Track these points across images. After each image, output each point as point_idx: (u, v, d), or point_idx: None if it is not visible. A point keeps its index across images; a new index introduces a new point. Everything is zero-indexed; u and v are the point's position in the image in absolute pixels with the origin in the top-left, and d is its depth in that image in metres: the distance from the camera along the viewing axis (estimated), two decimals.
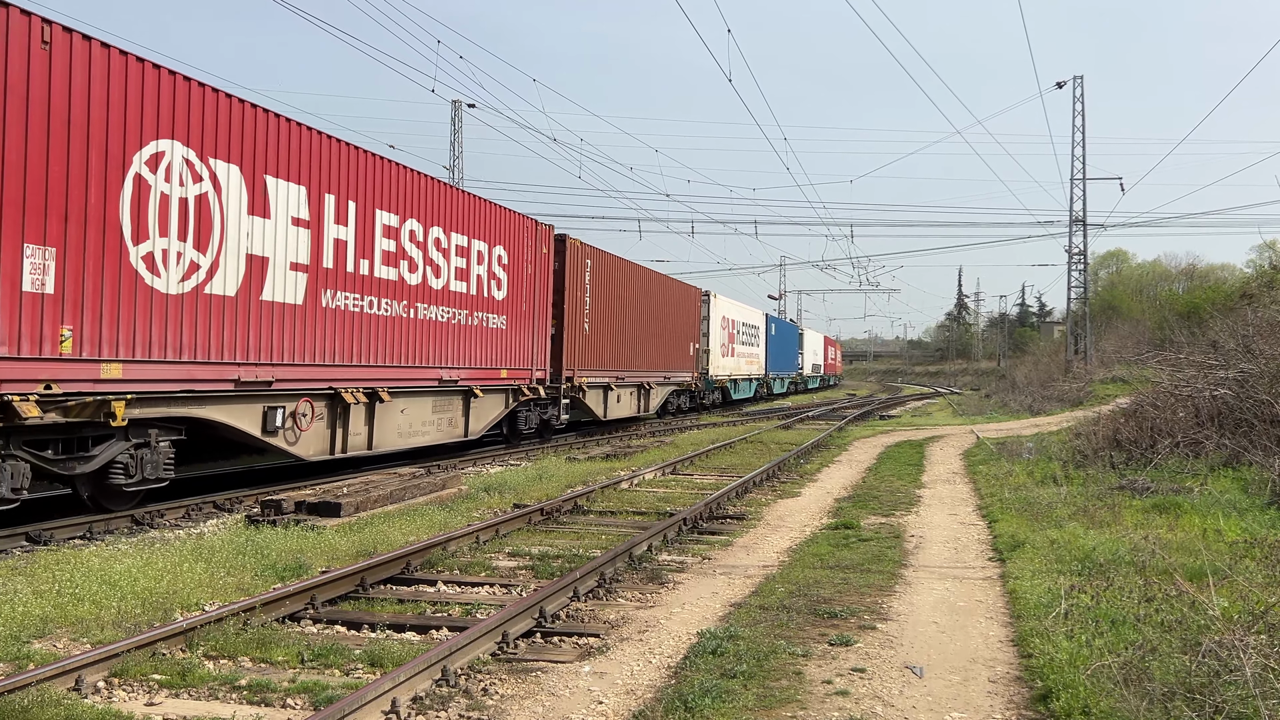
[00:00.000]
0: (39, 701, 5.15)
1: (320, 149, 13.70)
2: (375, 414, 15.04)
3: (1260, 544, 8.43)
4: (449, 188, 17.39)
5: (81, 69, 10.05)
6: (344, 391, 14.10)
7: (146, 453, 11.15)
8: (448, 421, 17.36)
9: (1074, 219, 47.18)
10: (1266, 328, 17.01)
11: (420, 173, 16.25)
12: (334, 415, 14.19)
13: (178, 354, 11.18)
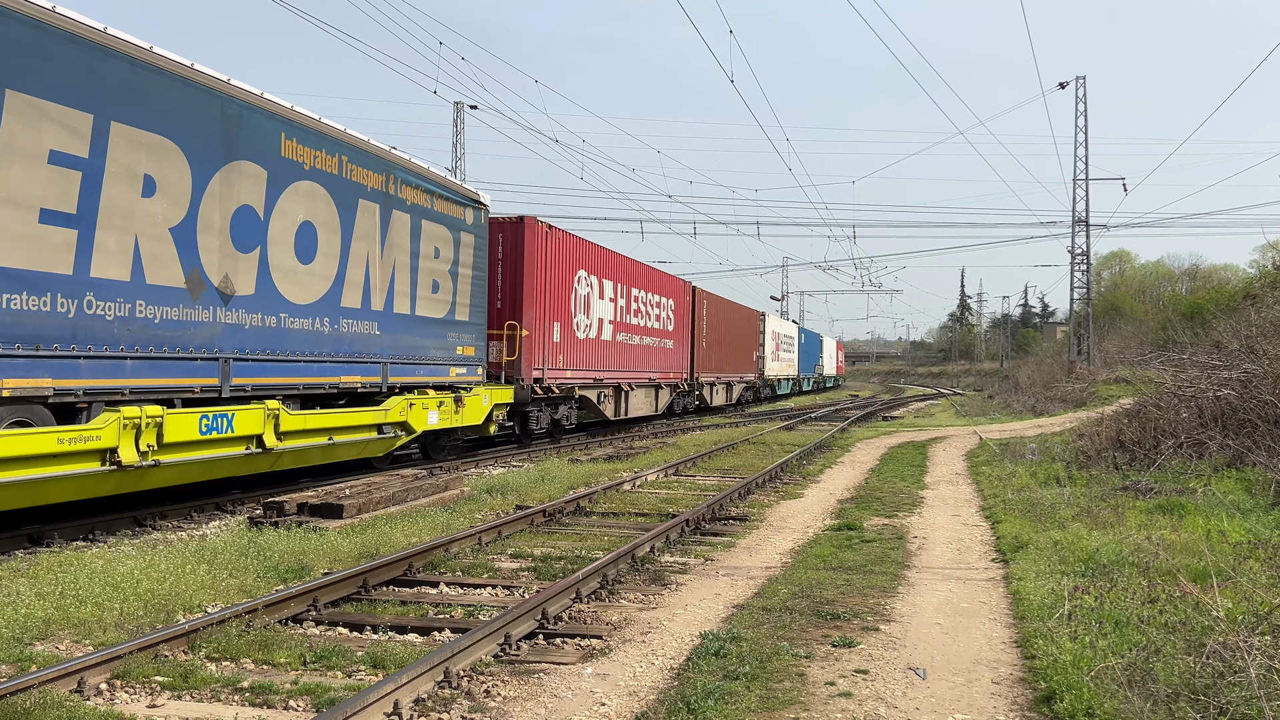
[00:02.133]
0: (41, 703, 5.15)
1: (611, 259, 25.75)
2: (628, 397, 27.06)
3: (1264, 545, 8.41)
4: (649, 267, 29.45)
5: (557, 242, 21.53)
6: (621, 385, 26.32)
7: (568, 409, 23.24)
8: (651, 402, 29.48)
9: (1077, 219, 47.17)
10: (1270, 328, 16.98)
11: (638, 261, 28.34)
12: (616, 397, 26.23)
13: (576, 364, 22.86)
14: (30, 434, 8.87)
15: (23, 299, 9.00)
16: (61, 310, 9.38)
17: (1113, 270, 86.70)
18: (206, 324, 11.22)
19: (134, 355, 10.23)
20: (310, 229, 12.91)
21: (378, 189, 14.42)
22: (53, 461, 9.13)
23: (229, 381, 11.55)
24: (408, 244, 15.24)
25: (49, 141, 9.23)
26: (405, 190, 15.19)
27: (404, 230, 15.14)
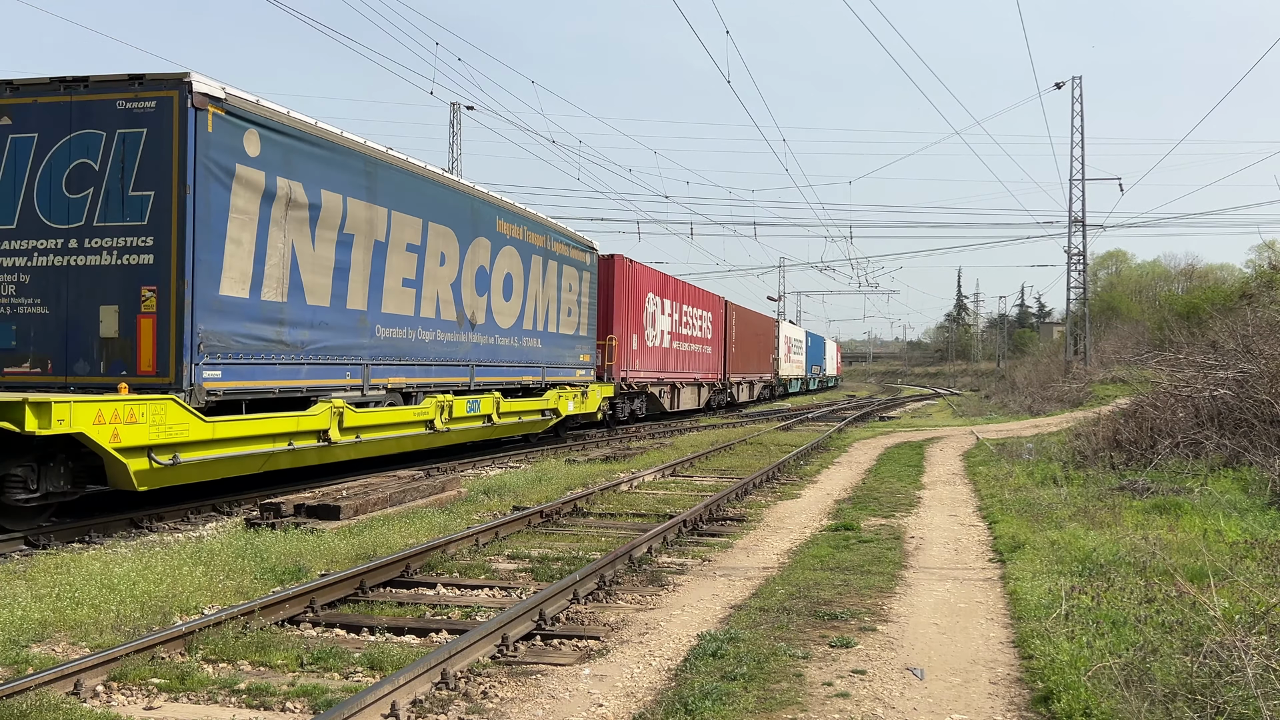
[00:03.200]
0: (38, 705, 5.14)
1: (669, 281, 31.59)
2: (680, 393, 32.91)
3: (1261, 544, 8.41)
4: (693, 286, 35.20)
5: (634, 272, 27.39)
6: (675, 383, 32.18)
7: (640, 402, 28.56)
8: (696, 398, 35.63)
9: (1073, 219, 47.23)
10: (1266, 328, 17.01)
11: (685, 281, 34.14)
12: (672, 393, 32.05)
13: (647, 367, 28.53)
14: (399, 410, 15.01)
15: (395, 331, 14.97)
16: (409, 337, 15.39)
17: (1109, 270, 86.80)
18: (464, 344, 17.26)
19: (435, 363, 16.24)
20: (509, 277, 19.06)
21: (541, 246, 20.59)
22: (406, 426, 15.26)
23: (474, 380, 17.66)
24: (556, 282, 21.42)
25: (406, 237, 15.15)
26: (555, 245, 21.32)
27: (554, 274, 21.32)
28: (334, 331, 13.47)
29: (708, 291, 37.12)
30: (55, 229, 11.13)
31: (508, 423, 18.97)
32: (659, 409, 31.12)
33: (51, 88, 11.20)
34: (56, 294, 11.11)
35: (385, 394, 14.67)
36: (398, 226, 14.84)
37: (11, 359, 11.15)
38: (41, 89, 11.22)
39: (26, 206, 11.18)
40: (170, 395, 10.60)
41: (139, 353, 10.91)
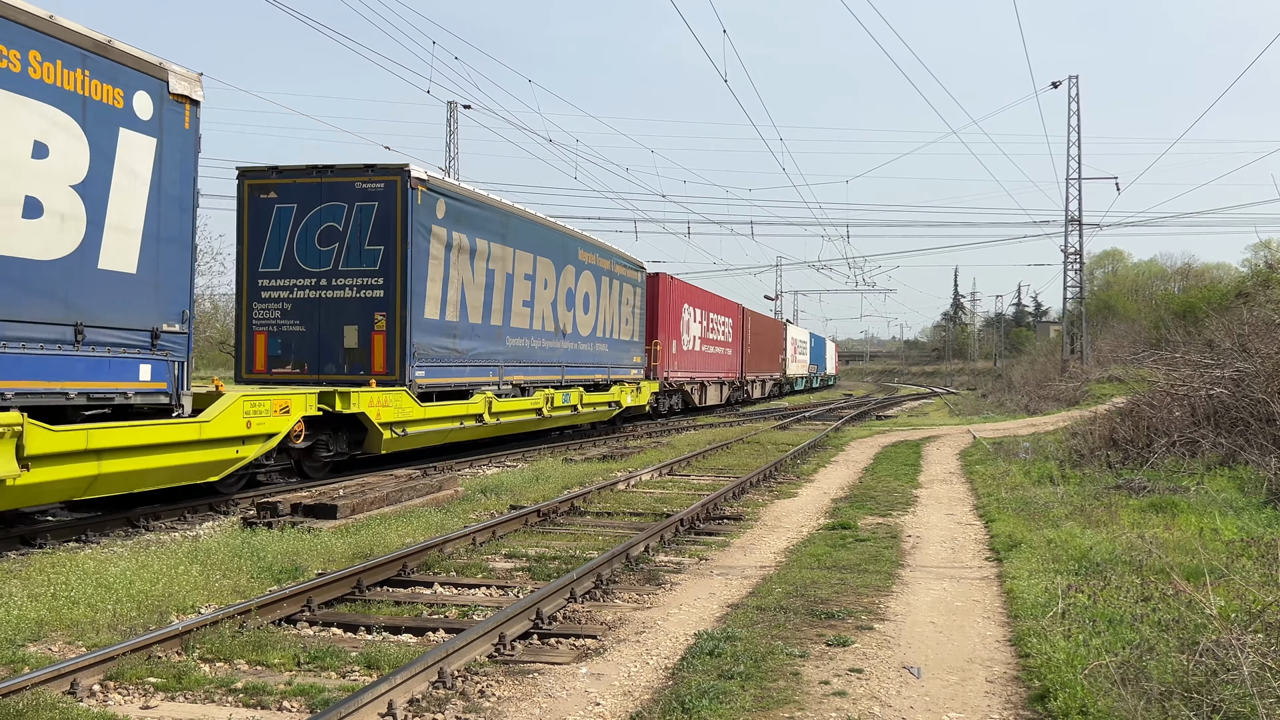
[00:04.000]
0: (34, 705, 5.14)
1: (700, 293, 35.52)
2: (706, 390, 36.89)
3: (1257, 543, 8.42)
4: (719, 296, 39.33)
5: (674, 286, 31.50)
6: (704, 381, 36.04)
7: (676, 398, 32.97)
8: (719, 394, 39.43)
9: (1070, 219, 47.26)
10: (1262, 327, 17.03)
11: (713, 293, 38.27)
12: (701, 390, 35.79)
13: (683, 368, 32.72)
14: (521, 400, 19.34)
15: (518, 341, 19.50)
16: (526, 345, 19.87)
17: (1106, 269, 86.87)
18: (558, 349, 21.62)
19: (540, 365, 20.55)
20: (587, 295, 23.42)
21: (607, 269, 24.98)
22: (525, 412, 19.65)
23: (565, 377, 21.94)
24: (617, 297, 25.93)
25: (524, 269, 19.73)
26: (616, 267, 25.79)
27: (616, 290, 25.78)
28: (483, 342, 18.11)
29: (728, 300, 41.96)
30: (309, 271, 15.53)
31: (586, 412, 23.51)
32: (690, 404, 35.42)
33: (306, 172, 15.58)
34: (311, 317, 15.57)
35: (511, 388, 19.21)
36: (520, 261, 19.53)
37: (278, 362, 15.59)
38: (300, 173, 15.60)
39: (288, 256, 15.56)
40: (401, 388, 15.10)
41: (373, 358, 15.37)
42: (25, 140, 9.28)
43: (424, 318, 15.74)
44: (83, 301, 9.89)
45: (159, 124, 10.85)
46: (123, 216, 10.41)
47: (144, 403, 10.69)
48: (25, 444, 8.92)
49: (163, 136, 10.89)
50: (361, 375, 15.26)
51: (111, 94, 10.26)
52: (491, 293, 18.28)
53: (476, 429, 17.89)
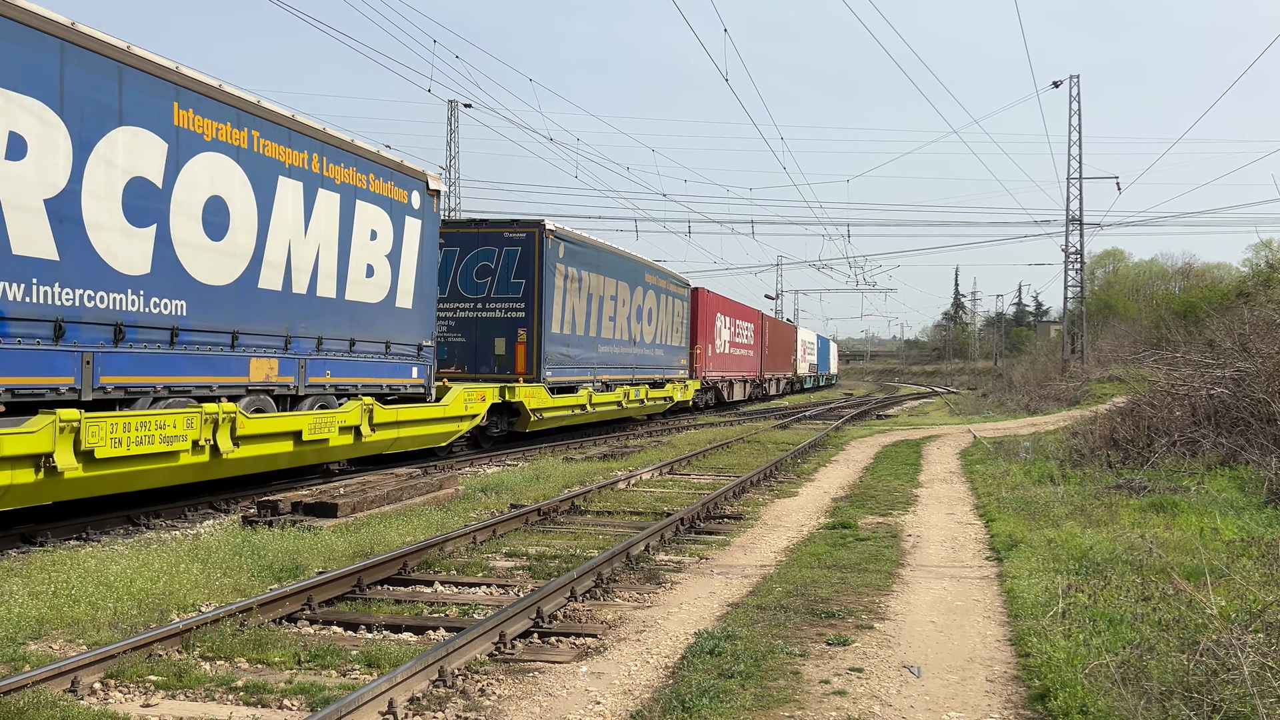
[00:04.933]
0: (35, 703, 5.14)
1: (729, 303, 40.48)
2: (733, 387, 41.28)
3: (1257, 543, 8.42)
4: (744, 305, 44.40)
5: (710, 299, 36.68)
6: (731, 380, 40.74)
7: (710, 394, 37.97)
8: (743, 391, 43.73)
9: (1071, 218, 47.23)
10: (1263, 326, 17.03)
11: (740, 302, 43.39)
12: (729, 388, 40.26)
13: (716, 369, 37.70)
14: (607, 394, 24.18)
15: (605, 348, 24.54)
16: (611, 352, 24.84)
17: (1106, 269, 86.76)
18: (630, 354, 26.72)
19: (618, 366, 25.55)
20: (650, 310, 28.58)
21: (664, 288, 30.23)
22: (610, 404, 24.57)
23: (635, 377, 27.10)
24: (670, 311, 31.04)
25: (609, 291, 24.46)
26: (671, 285, 31.07)
27: (669, 304, 30.95)
28: (585, 350, 23.26)
29: (750, 307, 47.31)
30: (468, 298, 20.75)
31: (649, 405, 28.87)
32: (721, 399, 40.46)
33: (467, 225, 21.43)
34: (470, 330, 20.74)
35: (602, 385, 24.32)
36: (607, 285, 24.66)
37: (444, 364, 19.92)
38: (462, 225, 21.37)
39: (452, 286, 20.59)
40: (539, 384, 20.47)
41: (517, 362, 20.57)
42: (367, 228, 14.65)
43: (551, 332, 21.04)
44: (388, 328, 15.31)
45: (423, 211, 16.24)
46: (406, 273, 15.78)
47: (412, 392, 16.07)
48: (374, 416, 14.37)
49: (424, 220, 16.30)
50: (508, 375, 20.34)
51: (402, 194, 15.60)
52: (590, 311, 23.48)
53: (581, 416, 23.26)
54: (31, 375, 9.39)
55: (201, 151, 11.37)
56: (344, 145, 14.06)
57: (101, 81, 9.99)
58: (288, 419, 12.65)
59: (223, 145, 11.69)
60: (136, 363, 10.57)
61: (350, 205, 14.16)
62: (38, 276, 9.35)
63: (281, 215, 12.75)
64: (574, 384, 22.47)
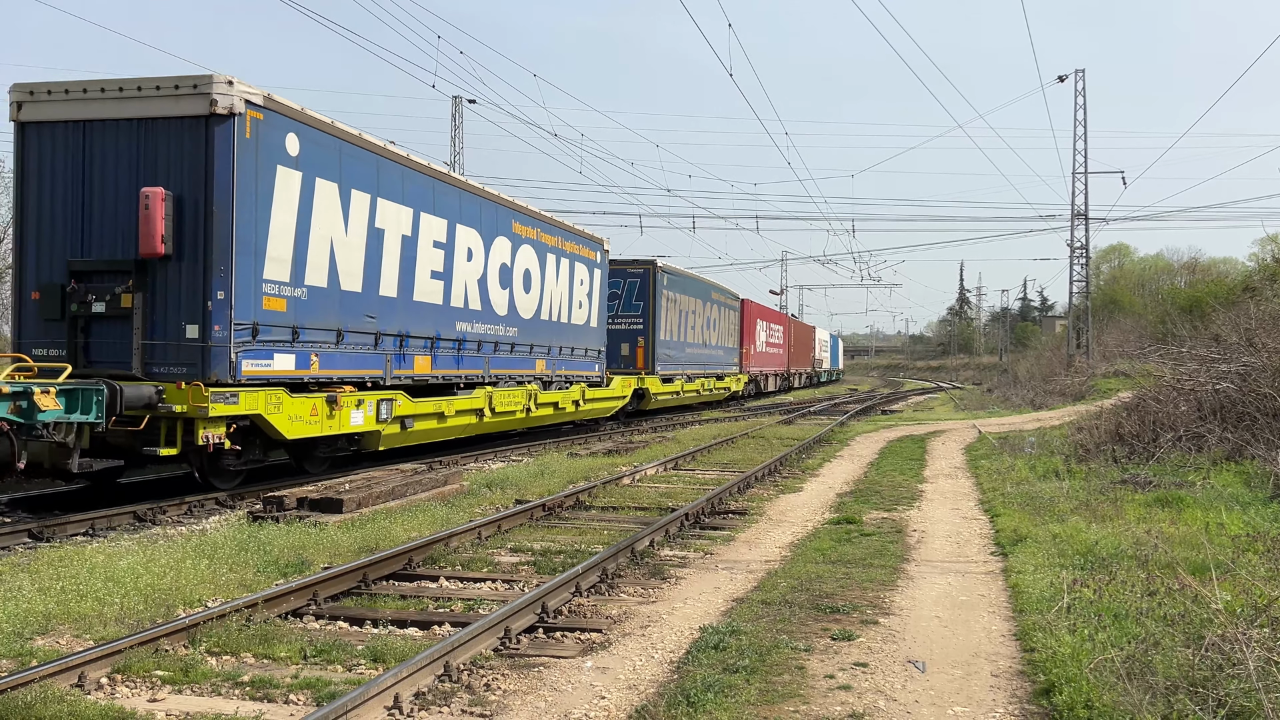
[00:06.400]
0: (42, 698, 5.16)
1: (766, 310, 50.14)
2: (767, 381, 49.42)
3: (1263, 538, 8.42)
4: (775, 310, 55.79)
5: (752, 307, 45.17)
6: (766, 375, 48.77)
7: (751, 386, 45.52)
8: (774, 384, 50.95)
9: (1076, 213, 47.12)
10: (1269, 321, 16.99)
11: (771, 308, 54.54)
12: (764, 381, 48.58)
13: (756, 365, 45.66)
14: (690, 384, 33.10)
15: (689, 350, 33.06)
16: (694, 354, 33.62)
17: (1112, 264, 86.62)
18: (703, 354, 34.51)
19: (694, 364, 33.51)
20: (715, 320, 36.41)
21: (721, 301, 37.50)
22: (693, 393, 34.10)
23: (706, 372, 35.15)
24: (727, 319, 38.86)
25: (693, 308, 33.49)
26: (726, 299, 38.58)
27: (728, 314, 38.85)
28: (677, 352, 31.15)
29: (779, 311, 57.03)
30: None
31: (716, 393, 37.33)
32: (759, 390, 47.75)
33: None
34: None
35: (688, 378, 32.43)
36: (691, 303, 32.55)
37: None
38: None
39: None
40: (653, 375, 28.37)
41: (637, 361, 28.32)
42: (578, 278, 22.89)
43: (659, 339, 29.11)
44: (586, 340, 23.40)
45: (601, 264, 24.66)
46: (594, 305, 24.06)
47: (595, 379, 24.06)
48: (586, 395, 23.01)
49: (601, 269, 24.66)
50: (631, 370, 27.93)
51: (592, 254, 23.94)
52: (680, 323, 31.47)
53: (677, 399, 32.12)
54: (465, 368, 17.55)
55: (522, 244, 19.72)
56: (569, 230, 22.56)
57: (493, 211, 18.52)
58: (555, 394, 21.29)
59: (529, 239, 20.11)
60: (502, 362, 19.03)
61: (571, 265, 22.46)
62: (471, 320, 17.69)
63: (548, 275, 21.12)
64: (672, 376, 30.66)
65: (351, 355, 13.92)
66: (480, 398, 17.65)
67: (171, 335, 11.56)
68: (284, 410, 12.35)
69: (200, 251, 11.48)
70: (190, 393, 11.13)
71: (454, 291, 16.80)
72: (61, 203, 11.89)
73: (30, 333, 11.90)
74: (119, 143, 11.67)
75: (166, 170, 11.57)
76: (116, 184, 11.68)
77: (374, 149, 14.35)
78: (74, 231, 11.84)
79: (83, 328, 11.70)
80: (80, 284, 11.67)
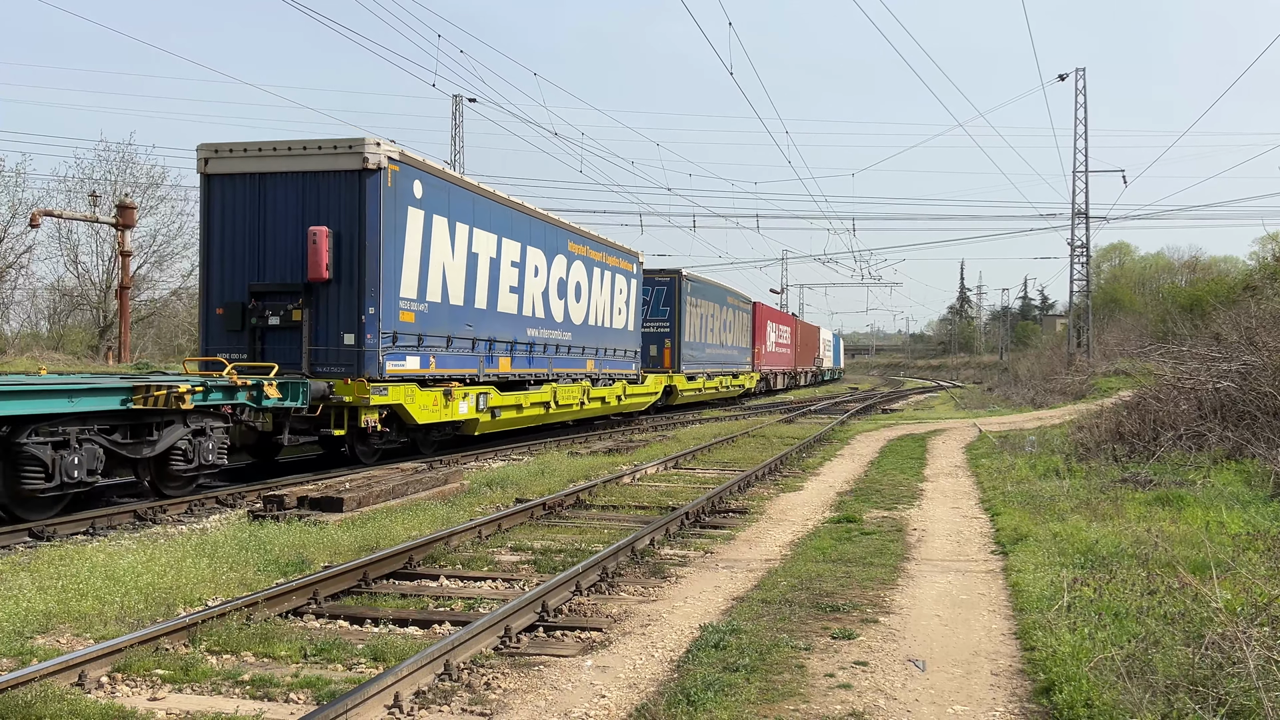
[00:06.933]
0: (42, 697, 5.16)
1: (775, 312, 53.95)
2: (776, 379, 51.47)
3: (1263, 536, 8.42)
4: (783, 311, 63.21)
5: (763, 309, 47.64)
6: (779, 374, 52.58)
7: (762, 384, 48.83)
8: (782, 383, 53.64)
9: (1076, 212, 47.11)
10: (1270, 320, 16.99)
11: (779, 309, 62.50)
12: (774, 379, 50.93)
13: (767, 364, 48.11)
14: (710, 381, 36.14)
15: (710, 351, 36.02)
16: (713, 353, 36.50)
17: (1112, 262, 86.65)
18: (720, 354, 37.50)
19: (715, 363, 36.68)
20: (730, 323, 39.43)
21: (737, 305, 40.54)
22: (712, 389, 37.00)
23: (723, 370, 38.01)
24: (740, 322, 41.29)
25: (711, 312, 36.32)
26: (741, 303, 41.28)
27: (740, 317, 41.34)
28: (699, 352, 33.81)
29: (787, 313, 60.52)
30: None
31: (733, 390, 40.26)
32: (769, 388, 50.19)
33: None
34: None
35: (708, 376, 35.24)
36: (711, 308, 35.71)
37: None
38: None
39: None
40: (680, 374, 31.51)
41: (665, 360, 31.05)
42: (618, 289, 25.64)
43: (685, 340, 31.94)
44: (625, 342, 26.23)
45: (637, 274, 27.44)
46: (631, 311, 26.96)
47: (632, 377, 26.87)
48: (626, 391, 26.42)
49: (637, 279, 27.49)
50: (659, 369, 30.53)
51: (629, 266, 26.68)
52: (701, 327, 34.15)
53: (699, 395, 35.01)
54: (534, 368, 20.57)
55: (574, 260, 22.58)
56: (611, 245, 25.30)
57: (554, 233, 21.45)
58: (602, 390, 24.45)
59: (580, 256, 22.99)
60: (560, 362, 21.88)
61: (613, 277, 25.27)
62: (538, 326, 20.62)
63: (594, 286, 23.91)
64: (694, 374, 33.38)
65: (456, 357, 17.12)
66: (547, 392, 20.88)
67: (332, 342, 14.50)
68: (416, 401, 15.52)
69: (355, 276, 14.41)
70: (355, 387, 14.09)
71: (526, 303, 19.94)
72: (242, 238, 14.78)
73: (215, 340, 14.86)
74: (288, 190, 14.62)
75: (327, 212, 14.46)
76: (286, 223, 14.58)
77: (470, 187, 17.68)
78: (252, 261, 14.77)
79: (260, 336, 14.68)
80: (258, 302, 14.64)
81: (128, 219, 33.33)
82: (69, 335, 45.47)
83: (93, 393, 10.57)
